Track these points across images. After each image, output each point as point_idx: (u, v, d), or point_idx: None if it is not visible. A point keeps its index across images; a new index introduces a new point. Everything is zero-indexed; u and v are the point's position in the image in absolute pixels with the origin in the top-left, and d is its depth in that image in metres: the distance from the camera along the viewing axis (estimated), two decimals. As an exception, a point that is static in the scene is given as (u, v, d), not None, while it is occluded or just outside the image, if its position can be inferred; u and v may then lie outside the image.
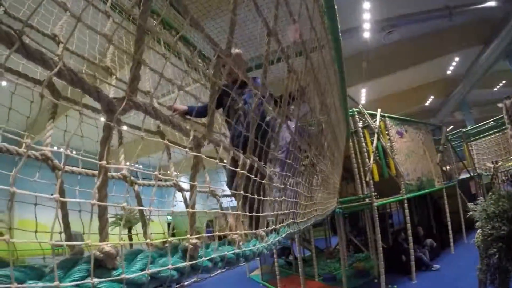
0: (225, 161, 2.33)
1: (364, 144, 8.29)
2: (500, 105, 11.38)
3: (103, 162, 0.71)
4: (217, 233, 1.29)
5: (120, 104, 0.70)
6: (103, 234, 0.82)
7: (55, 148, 1.36)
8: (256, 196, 1.60)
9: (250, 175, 1.55)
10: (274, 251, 9.55)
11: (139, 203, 1.96)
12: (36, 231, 1.40)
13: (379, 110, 9.13)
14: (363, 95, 20.81)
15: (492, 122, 13.58)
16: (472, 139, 14.97)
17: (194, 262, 1.09)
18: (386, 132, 9.08)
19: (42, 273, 0.81)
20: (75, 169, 1.75)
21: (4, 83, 2.05)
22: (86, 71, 2.43)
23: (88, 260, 0.85)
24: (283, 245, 10.92)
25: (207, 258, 1.17)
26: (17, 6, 2.25)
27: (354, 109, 8.59)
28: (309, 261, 10.29)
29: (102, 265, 0.84)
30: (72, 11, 2.29)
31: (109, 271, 0.84)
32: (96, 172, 2.01)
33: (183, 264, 1.03)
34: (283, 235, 2.10)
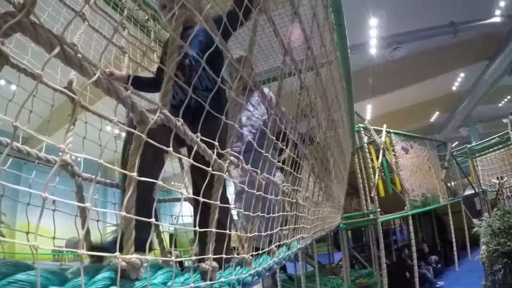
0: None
1: (369, 160, 8.27)
2: (505, 120, 11.41)
3: (134, 174, 0.72)
4: (233, 256, 1.28)
5: (152, 116, 0.72)
6: (128, 244, 0.83)
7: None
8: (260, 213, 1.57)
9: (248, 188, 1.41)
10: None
11: (156, 219, 1.95)
12: (54, 238, 1.41)
13: (384, 126, 9.13)
14: (368, 110, 20.78)
15: (497, 138, 13.53)
16: (477, 155, 14.89)
17: (212, 282, 1.09)
18: (392, 148, 9.07)
19: (65, 279, 0.82)
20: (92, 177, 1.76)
21: (13, 87, 2.05)
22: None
23: (111, 269, 0.85)
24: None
25: (225, 280, 1.16)
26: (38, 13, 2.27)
27: (360, 124, 8.59)
28: (312, 276, 10.15)
29: (125, 275, 0.84)
30: (89, 21, 2.35)
31: (131, 281, 0.84)
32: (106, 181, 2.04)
33: (203, 284, 1.03)
34: (294, 250, 2.09)
